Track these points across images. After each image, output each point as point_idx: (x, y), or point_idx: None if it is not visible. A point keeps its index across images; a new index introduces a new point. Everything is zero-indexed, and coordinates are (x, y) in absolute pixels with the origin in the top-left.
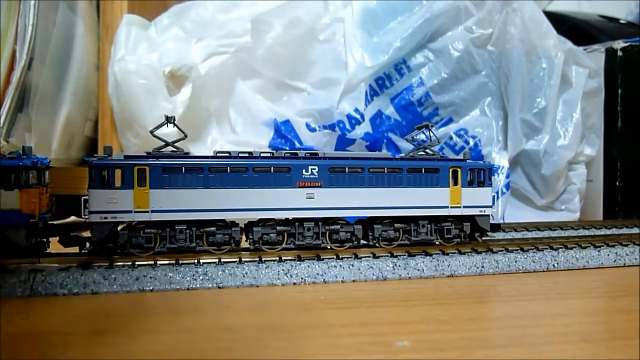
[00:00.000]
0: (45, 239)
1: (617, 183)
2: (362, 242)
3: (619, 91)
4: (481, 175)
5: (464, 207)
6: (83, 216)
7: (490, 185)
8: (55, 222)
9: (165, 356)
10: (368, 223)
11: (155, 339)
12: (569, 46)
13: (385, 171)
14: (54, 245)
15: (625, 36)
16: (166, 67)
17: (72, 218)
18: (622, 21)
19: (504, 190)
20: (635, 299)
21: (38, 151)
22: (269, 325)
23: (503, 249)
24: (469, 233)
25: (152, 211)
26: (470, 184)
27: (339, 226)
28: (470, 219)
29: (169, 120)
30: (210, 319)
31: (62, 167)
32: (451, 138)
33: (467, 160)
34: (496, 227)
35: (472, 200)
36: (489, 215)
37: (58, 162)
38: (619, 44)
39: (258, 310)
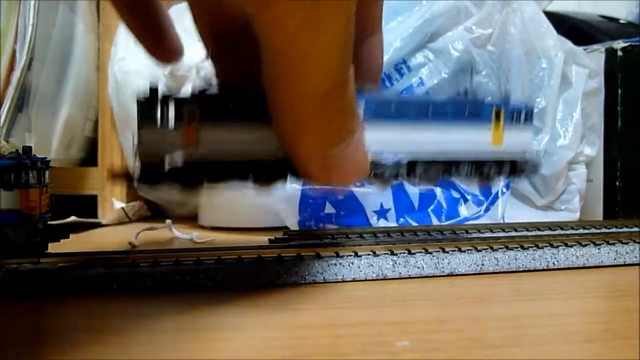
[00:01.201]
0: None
1: (617, 183)
2: (404, 179)
3: (619, 91)
4: (523, 116)
5: (505, 149)
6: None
7: (532, 126)
8: (55, 222)
9: None
10: (409, 162)
11: None
12: (569, 46)
13: (430, 110)
14: (54, 245)
15: (625, 36)
16: (166, 67)
17: (72, 218)
18: (622, 21)
19: (504, 190)
20: (636, 299)
21: (38, 151)
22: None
23: (503, 246)
24: (508, 174)
25: (200, 149)
26: (512, 124)
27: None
28: (511, 160)
29: None
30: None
31: (62, 167)
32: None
33: (510, 103)
34: (534, 169)
35: (513, 142)
36: (528, 157)
37: (58, 162)
38: (619, 44)
39: None
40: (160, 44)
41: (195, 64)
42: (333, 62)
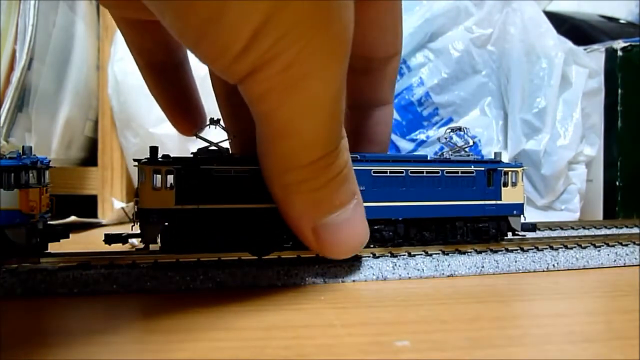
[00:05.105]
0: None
1: (617, 183)
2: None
3: (619, 91)
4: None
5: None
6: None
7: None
8: (54, 222)
9: None
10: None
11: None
12: (569, 46)
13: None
14: (54, 245)
15: (625, 36)
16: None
17: (72, 218)
18: (622, 21)
19: None
20: (636, 299)
21: (38, 151)
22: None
23: (503, 248)
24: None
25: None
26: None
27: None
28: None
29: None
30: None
31: (62, 167)
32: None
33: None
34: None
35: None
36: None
37: (58, 162)
38: (619, 44)
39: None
40: (184, 117)
41: (194, 64)
42: (319, 133)
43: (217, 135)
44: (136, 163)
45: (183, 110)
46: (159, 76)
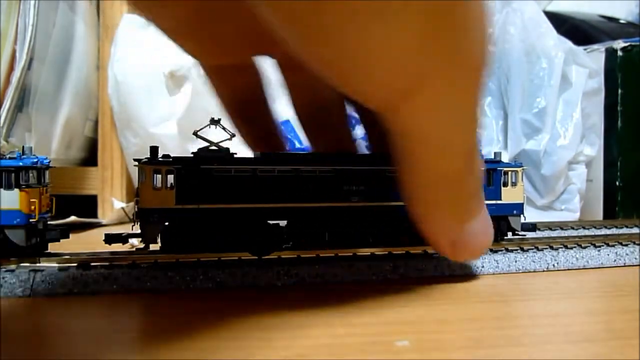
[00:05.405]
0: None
1: (617, 183)
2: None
3: (619, 91)
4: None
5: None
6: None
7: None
8: (55, 222)
9: None
10: None
11: None
12: (569, 46)
13: None
14: (54, 245)
15: (625, 36)
16: (166, 67)
17: (72, 218)
18: (622, 21)
19: None
20: (636, 299)
21: (38, 151)
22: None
23: (503, 248)
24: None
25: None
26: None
27: None
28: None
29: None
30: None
31: (62, 167)
32: None
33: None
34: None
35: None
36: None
37: (58, 162)
38: (619, 44)
39: None
40: (262, 145)
41: (194, 64)
42: (463, 144)
43: (217, 135)
44: (136, 163)
45: (267, 143)
46: (243, 115)
